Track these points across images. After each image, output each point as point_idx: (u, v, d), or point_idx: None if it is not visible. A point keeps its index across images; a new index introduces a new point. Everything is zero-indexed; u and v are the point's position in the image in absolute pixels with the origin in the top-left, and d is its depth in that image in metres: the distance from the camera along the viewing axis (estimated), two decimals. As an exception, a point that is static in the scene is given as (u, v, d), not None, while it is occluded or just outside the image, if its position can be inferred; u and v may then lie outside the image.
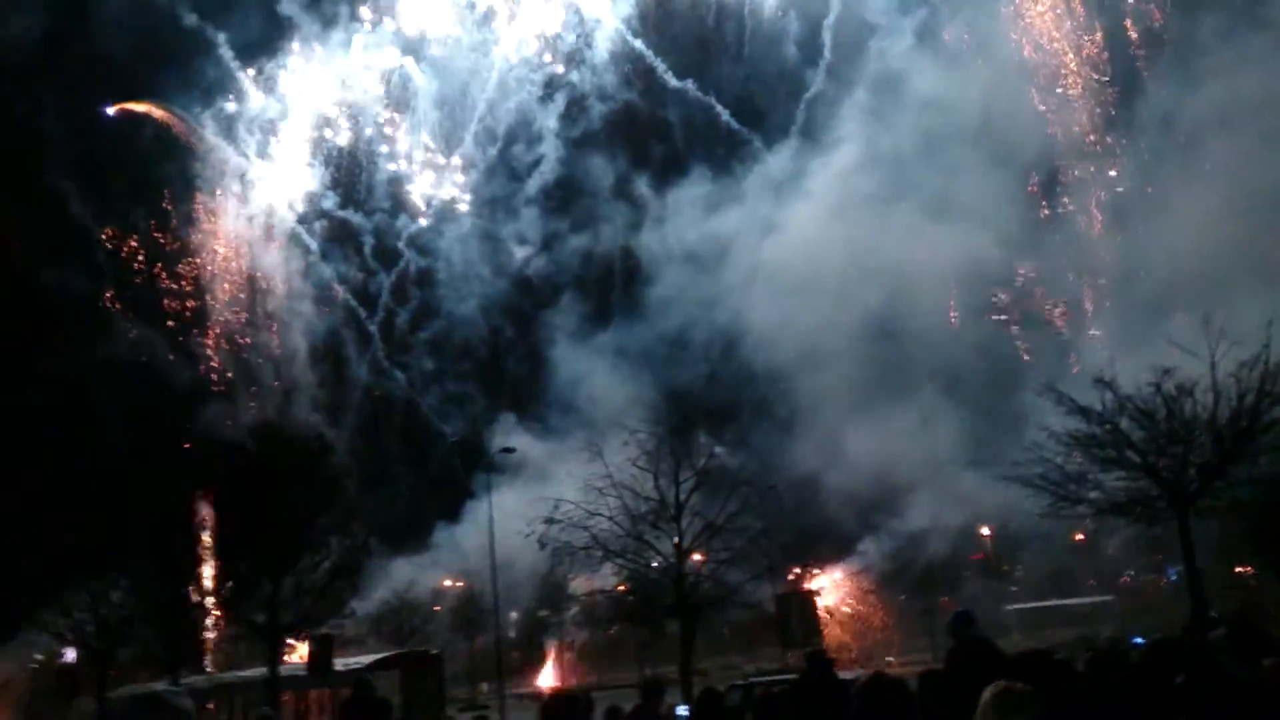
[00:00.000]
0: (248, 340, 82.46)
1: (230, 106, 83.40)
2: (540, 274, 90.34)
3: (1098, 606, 59.49)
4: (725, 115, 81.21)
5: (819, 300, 69.87)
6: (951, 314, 68.22)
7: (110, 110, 79.81)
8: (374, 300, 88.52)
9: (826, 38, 77.56)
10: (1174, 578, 59.28)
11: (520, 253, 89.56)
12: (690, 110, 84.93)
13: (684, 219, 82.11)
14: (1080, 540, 62.09)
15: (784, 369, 71.24)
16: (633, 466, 38.14)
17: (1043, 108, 67.18)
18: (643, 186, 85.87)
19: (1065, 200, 66.61)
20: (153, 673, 56.65)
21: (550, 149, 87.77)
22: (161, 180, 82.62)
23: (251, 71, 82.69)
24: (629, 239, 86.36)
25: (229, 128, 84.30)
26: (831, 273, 70.29)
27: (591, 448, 39.17)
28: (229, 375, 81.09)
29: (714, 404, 73.81)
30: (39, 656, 66.23)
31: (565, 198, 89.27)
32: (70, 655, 64.81)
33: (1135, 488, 33.93)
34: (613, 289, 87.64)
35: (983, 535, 66.15)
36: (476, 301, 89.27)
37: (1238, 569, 52.98)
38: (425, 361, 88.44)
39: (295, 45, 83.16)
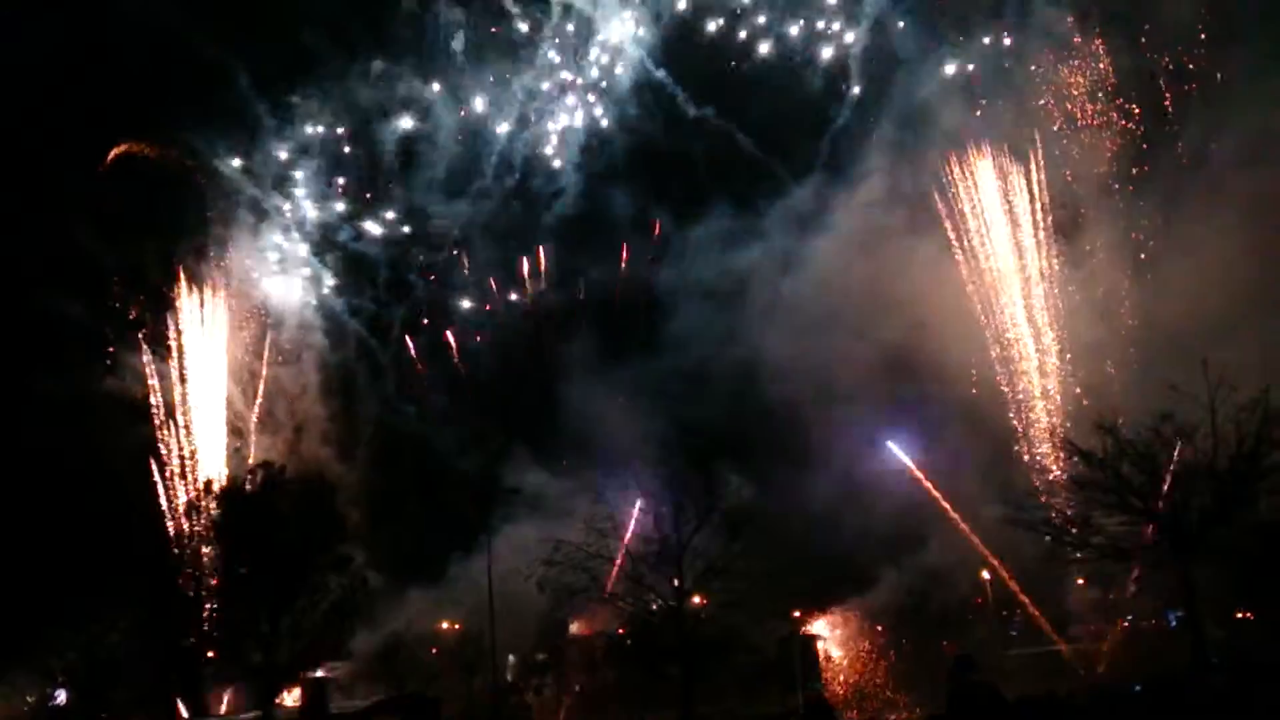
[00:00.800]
0: (261, 375, 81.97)
1: (245, 140, 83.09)
2: (556, 307, 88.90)
3: (1098, 651, 59.08)
4: (749, 145, 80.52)
5: (836, 336, 69.64)
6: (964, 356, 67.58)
7: (111, 154, 79.73)
8: (387, 333, 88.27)
9: (853, 69, 77.14)
10: (1174, 623, 58.98)
11: (536, 286, 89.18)
12: (713, 143, 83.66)
13: (704, 253, 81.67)
14: (1081, 584, 61.89)
15: (799, 405, 70.90)
16: (635, 509, 38.20)
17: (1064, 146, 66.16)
18: (662, 219, 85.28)
19: (1087, 243, 65.88)
20: (147, 716, 56.11)
21: (569, 181, 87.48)
22: (172, 213, 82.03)
23: (268, 104, 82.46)
24: (647, 273, 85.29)
25: (244, 159, 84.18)
26: (850, 308, 69.98)
27: (594, 490, 39.16)
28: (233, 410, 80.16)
29: (729, 441, 73.35)
30: (30, 699, 65.48)
31: (583, 231, 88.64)
32: (62, 697, 64.13)
33: (1136, 533, 34.00)
34: (629, 323, 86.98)
35: (984, 579, 65.93)
36: (491, 334, 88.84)
37: (1237, 614, 52.84)
38: (438, 396, 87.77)
39: (315, 77, 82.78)
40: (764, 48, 78.91)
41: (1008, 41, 70.28)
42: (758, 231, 78.88)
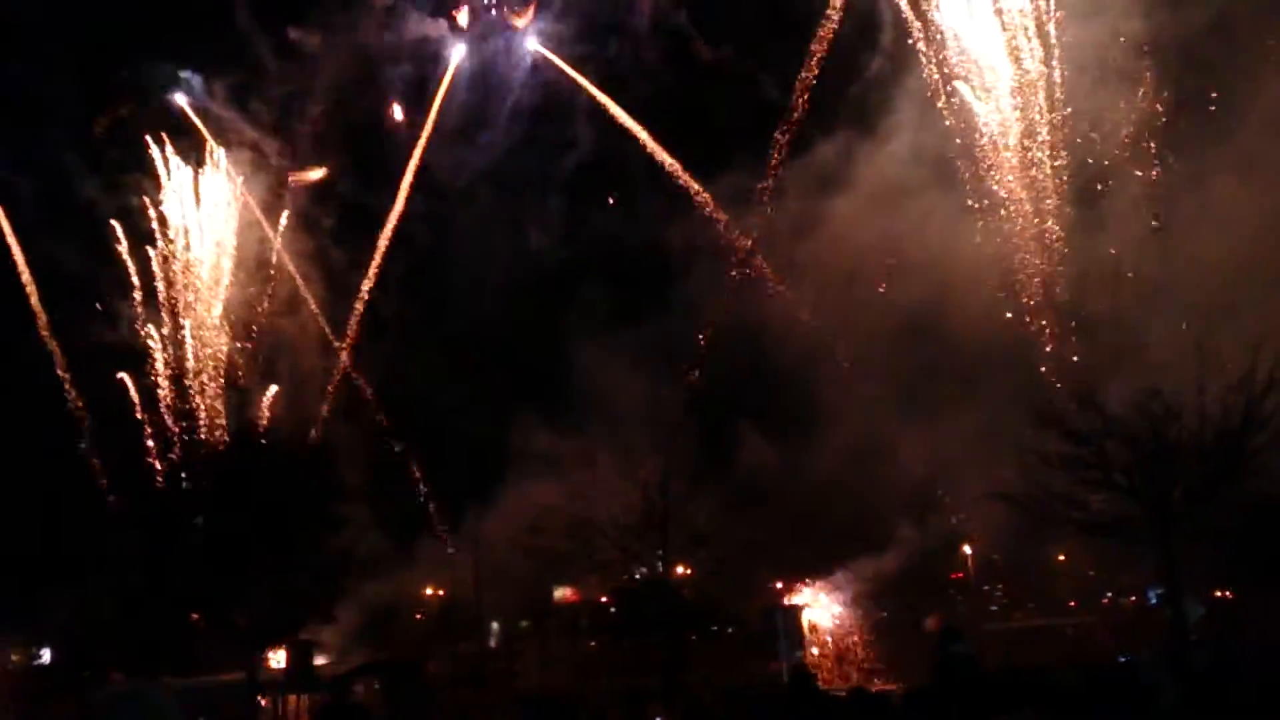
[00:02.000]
0: (256, 331, 79.78)
1: (244, 74, 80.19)
2: (566, 262, 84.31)
3: (1077, 628, 59.59)
4: (781, 97, 75.75)
5: (847, 299, 68.37)
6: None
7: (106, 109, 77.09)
8: (388, 286, 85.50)
9: (885, 19, 73.29)
10: (1155, 600, 59.48)
11: (545, 239, 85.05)
12: (736, 93, 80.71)
13: (722, 208, 79.10)
14: (1062, 560, 62.30)
15: (808, 370, 69.99)
16: (620, 477, 38.15)
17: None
18: (679, 172, 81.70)
19: (1104, 202, 63.87)
20: (130, 675, 56.18)
21: (583, 130, 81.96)
22: (163, 148, 79.37)
23: (271, 39, 79.28)
24: (662, 228, 78.99)
25: (243, 99, 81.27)
26: (866, 269, 68.64)
27: (581, 456, 39.13)
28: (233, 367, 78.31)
29: (731, 405, 72.18)
30: (14, 658, 65.60)
31: (596, 182, 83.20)
32: (46, 656, 64.24)
33: (1119, 509, 34.11)
34: (641, 281, 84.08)
35: (966, 553, 66.36)
36: (497, 289, 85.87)
37: (1218, 592, 53.30)
38: (438, 353, 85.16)
39: (320, 11, 79.64)
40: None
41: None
42: (777, 189, 74.77)
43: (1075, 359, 60.83)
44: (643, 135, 76.77)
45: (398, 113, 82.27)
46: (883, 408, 66.93)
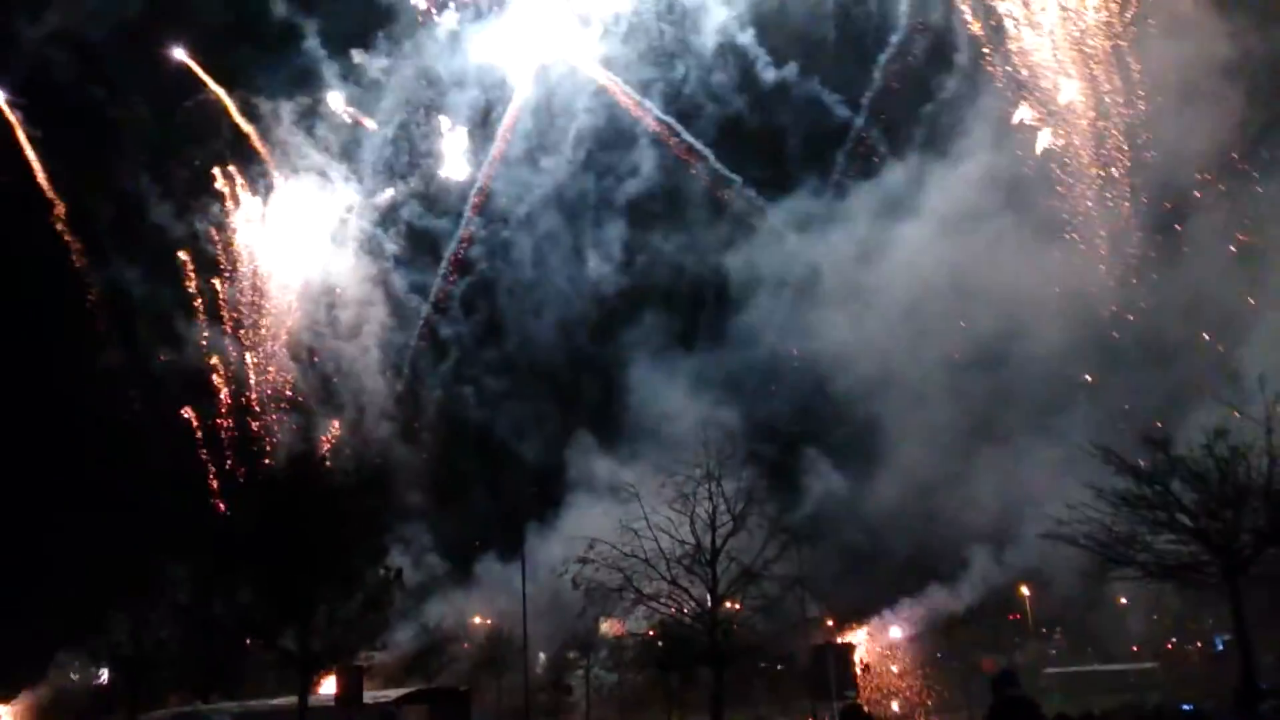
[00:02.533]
0: (318, 353, 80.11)
1: (312, 100, 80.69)
2: (624, 289, 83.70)
3: (1141, 673, 57.92)
4: (851, 118, 73.69)
5: (911, 330, 66.66)
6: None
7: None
8: (448, 312, 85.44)
9: (959, 40, 71.19)
10: (1221, 646, 57.62)
11: (603, 266, 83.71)
12: (802, 117, 77.66)
13: (786, 235, 77.40)
14: (1124, 604, 60.66)
15: (866, 402, 68.17)
16: (669, 509, 37.90)
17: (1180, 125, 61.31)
18: (745, 197, 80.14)
19: (1184, 230, 61.29)
20: (184, 697, 56.91)
21: (645, 155, 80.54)
22: (232, 175, 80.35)
23: (337, 66, 79.87)
24: (723, 255, 79.16)
25: (310, 123, 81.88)
26: (934, 299, 66.78)
27: (628, 489, 38.88)
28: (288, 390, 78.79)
29: (796, 435, 70.71)
30: (73, 677, 66.78)
31: (658, 209, 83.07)
32: (104, 677, 65.26)
33: (1185, 551, 33.12)
34: (701, 309, 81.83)
35: (1024, 595, 64.90)
36: (555, 315, 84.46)
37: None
38: (499, 378, 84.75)
39: (388, 38, 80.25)
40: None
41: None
42: (844, 214, 74.90)
43: (1137, 394, 59.26)
44: (708, 154, 76.29)
45: (463, 137, 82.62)
46: (943, 443, 65.60)
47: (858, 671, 55.98)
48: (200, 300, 77.04)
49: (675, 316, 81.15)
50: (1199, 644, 60.37)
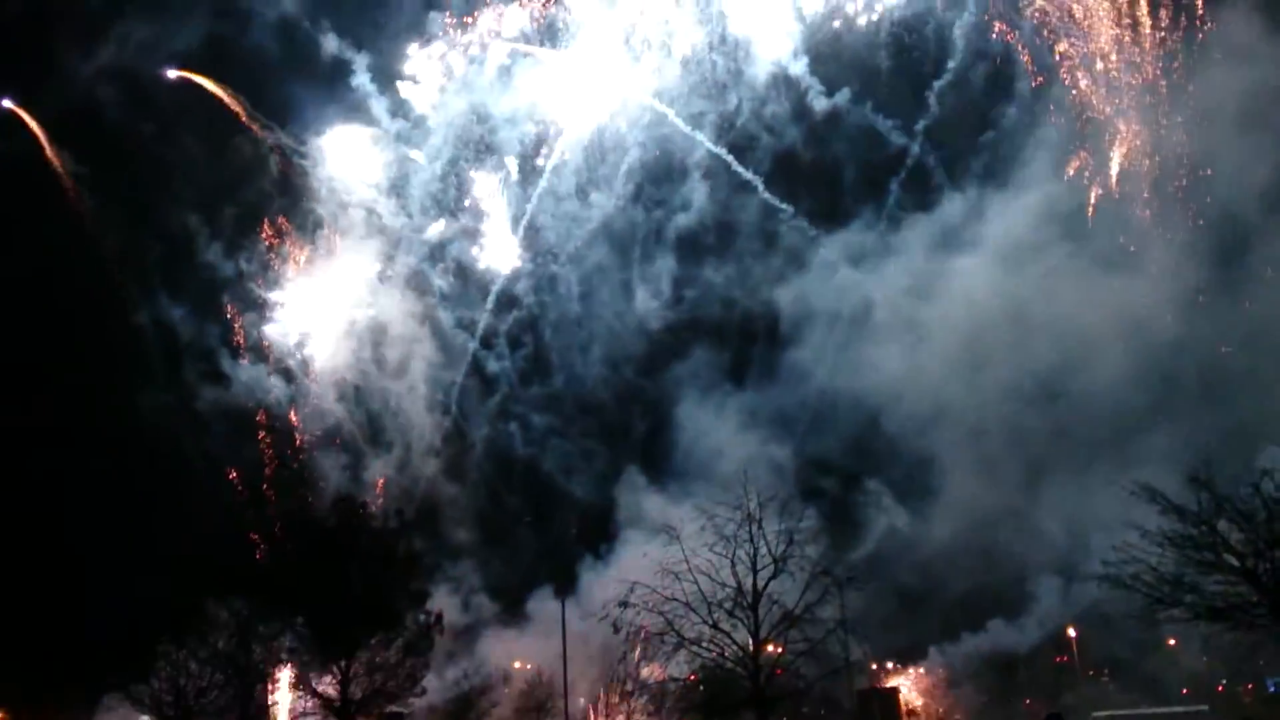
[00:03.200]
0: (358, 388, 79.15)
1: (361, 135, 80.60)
2: (673, 324, 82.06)
3: (1191, 715, 56.65)
4: (907, 145, 72.43)
5: (968, 363, 65.17)
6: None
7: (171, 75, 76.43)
8: (495, 349, 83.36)
9: (1018, 69, 69.96)
10: (1273, 689, 56.22)
11: (652, 301, 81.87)
12: (856, 146, 76.25)
13: (840, 268, 75.37)
14: (1173, 646, 59.45)
15: (920, 438, 66.74)
16: (709, 551, 37.76)
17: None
18: (797, 229, 77.49)
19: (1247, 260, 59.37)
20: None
21: (696, 189, 79.40)
22: (278, 210, 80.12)
23: (387, 101, 79.63)
24: (775, 288, 77.56)
25: (358, 159, 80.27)
26: (991, 331, 65.13)
27: (669, 530, 38.78)
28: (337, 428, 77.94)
29: (847, 474, 69.20)
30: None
31: (708, 242, 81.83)
32: (146, 721, 65.58)
33: (1234, 593, 32.59)
34: (752, 344, 79.48)
35: (1070, 637, 63.80)
36: (603, 351, 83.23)
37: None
38: (547, 415, 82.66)
39: (435, 71, 79.90)
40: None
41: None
42: (899, 247, 73.79)
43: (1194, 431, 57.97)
44: (758, 184, 75.64)
45: (513, 171, 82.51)
46: (1000, 478, 64.20)
47: (903, 715, 55.31)
48: (243, 339, 76.93)
49: (726, 351, 79.43)
50: (1250, 685, 58.93)
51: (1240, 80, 58.60)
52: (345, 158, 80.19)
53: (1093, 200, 65.79)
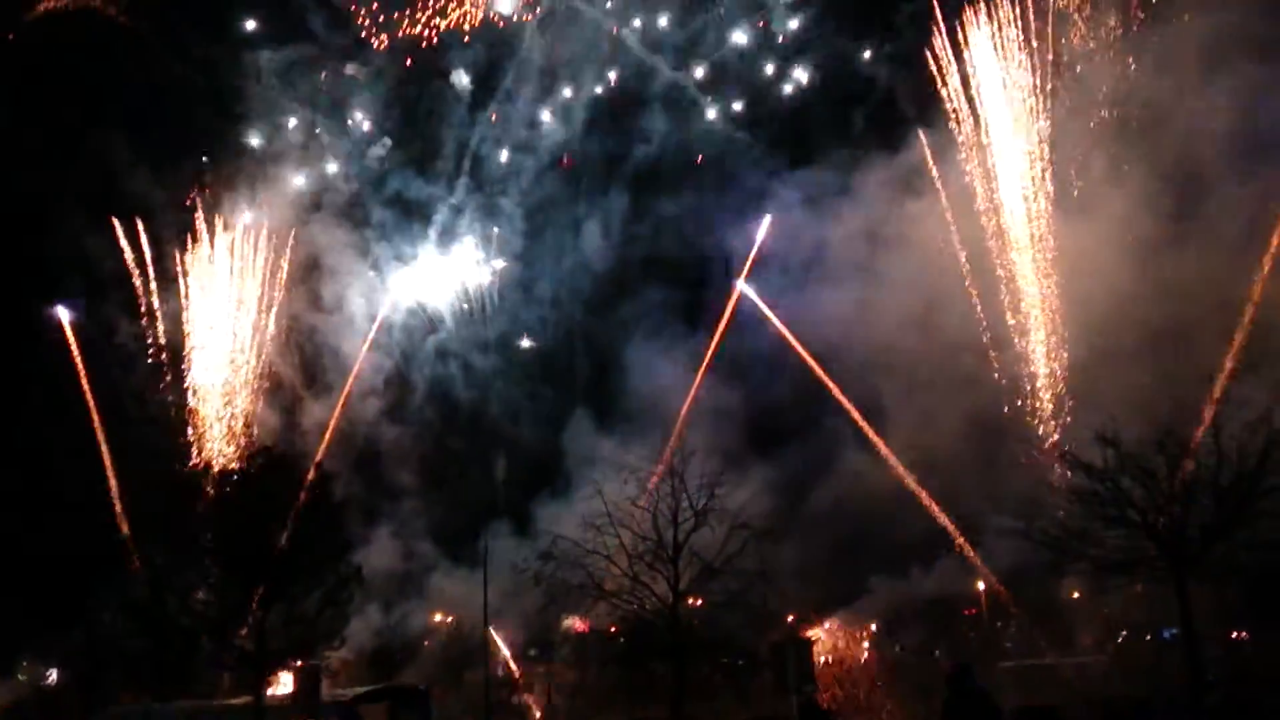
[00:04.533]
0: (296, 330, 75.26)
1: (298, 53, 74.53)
2: (624, 262, 78.54)
3: (1092, 665, 59.00)
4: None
5: (916, 311, 63.47)
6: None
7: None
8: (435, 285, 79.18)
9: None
10: (1168, 637, 58.71)
11: (603, 239, 78.74)
12: (825, 78, 73.20)
13: (798, 208, 71.91)
14: (1076, 598, 61.70)
15: (862, 387, 66.69)
16: (632, 505, 38.07)
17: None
18: (759, 164, 74.79)
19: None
20: (137, 697, 56.04)
21: (656, 119, 75.60)
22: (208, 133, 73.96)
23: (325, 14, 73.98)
24: (733, 228, 74.73)
25: (295, 77, 75.03)
26: (942, 279, 64.05)
27: (591, 484, 39.00)
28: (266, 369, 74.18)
29: (781, 425, 68.89)
30: (20, 678, 65.42)
31: (665, 176, 77.34)
32: (53, 676, 64.07)
33: (1135, 547, 33.90)
34: (707, 288, 76.65)
35: (979, 590, 65.82)
36: (550, 290, 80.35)
37: (1234, 633, 52.70)
38: (490, 356, 79.17)
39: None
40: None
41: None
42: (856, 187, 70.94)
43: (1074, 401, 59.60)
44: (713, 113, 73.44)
45: (460, 94, 78.20)
46: (938, 431, 65.05)
47: (818, 667, 56.51)
48: (171, 270, 72.07)
49: (678, 292, 76.46)
50: (1149, 637, 61.56)
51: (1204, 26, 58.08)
52: (282, 76, 75.83)
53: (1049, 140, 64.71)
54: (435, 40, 75.54)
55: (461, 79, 77.66)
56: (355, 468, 68.43)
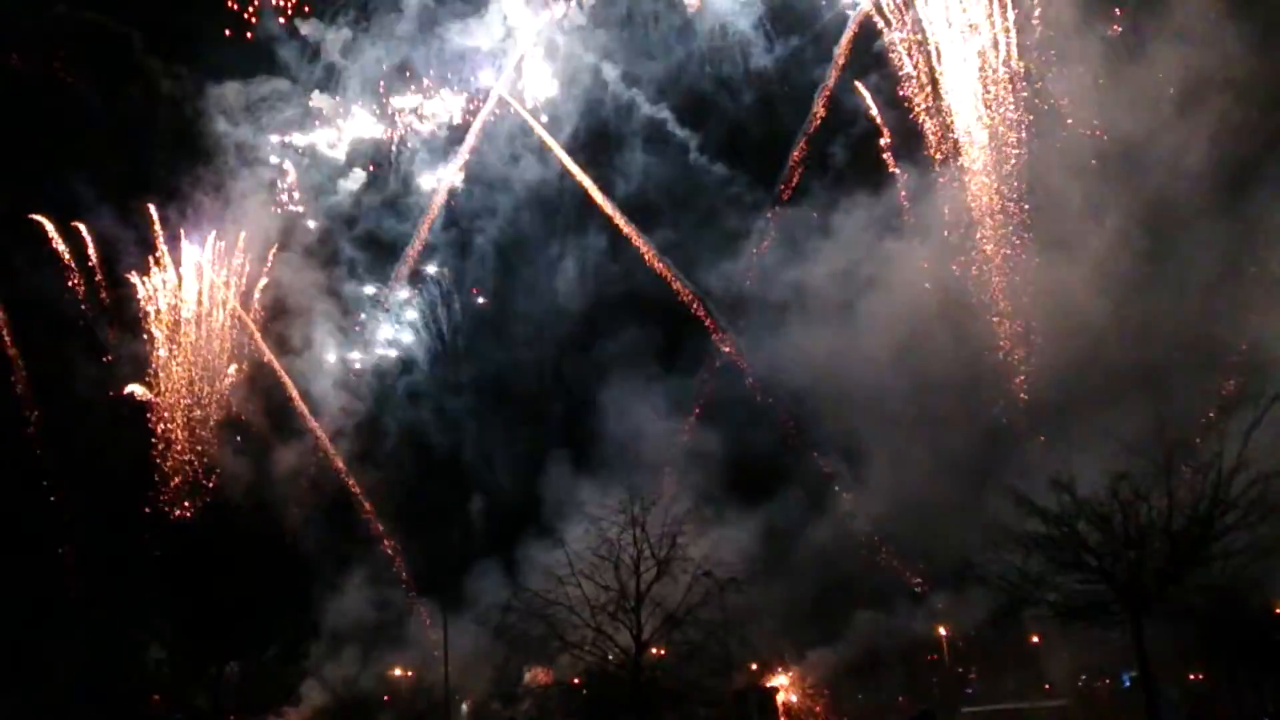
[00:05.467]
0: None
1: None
2: (601, 300, 76.58)
3: (1053, 710, 59.22)
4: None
5: (891, 354, 62.68)
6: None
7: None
8: (406, 324, 77.37)
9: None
10: (1127, 683, 59.06)
11: (579, 275, 76.92)
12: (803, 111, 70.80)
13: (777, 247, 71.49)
14: (1036, 643, 62.03)
15: (834, 432, 66.27)
16: (593, 555, 37.92)
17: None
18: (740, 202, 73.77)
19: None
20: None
21: (634, 156, 73.87)
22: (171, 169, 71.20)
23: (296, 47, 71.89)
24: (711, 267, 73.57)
25: (263, 111, 73.18)
26: (920, 319, 63.12)
27: (554, 535, 38.88)
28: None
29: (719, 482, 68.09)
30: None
31: (645, 213, 75.25)
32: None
33: (1092, 591, 34.26)
34: (685, 325, 74.23)
35: (941, 635, 65.94)
36: (525, 329, 78.14)
37: (1191, 675, 53.17)
38: (463, 397, 77.17)
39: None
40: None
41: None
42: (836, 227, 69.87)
43: (1043, 439, 60.11)
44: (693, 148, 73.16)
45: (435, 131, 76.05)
46: (864, 486, 65.19)
47: (780, 715, 56.29)
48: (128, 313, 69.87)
49: (655, 331, 73.98)
50: (1107, 680, 61.86)
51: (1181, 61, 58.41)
52: (249, 108, 73.05)
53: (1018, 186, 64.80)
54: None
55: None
56: (326, 514, 66.98)
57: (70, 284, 69.57)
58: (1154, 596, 33.28)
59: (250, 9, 70.06)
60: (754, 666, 59.00)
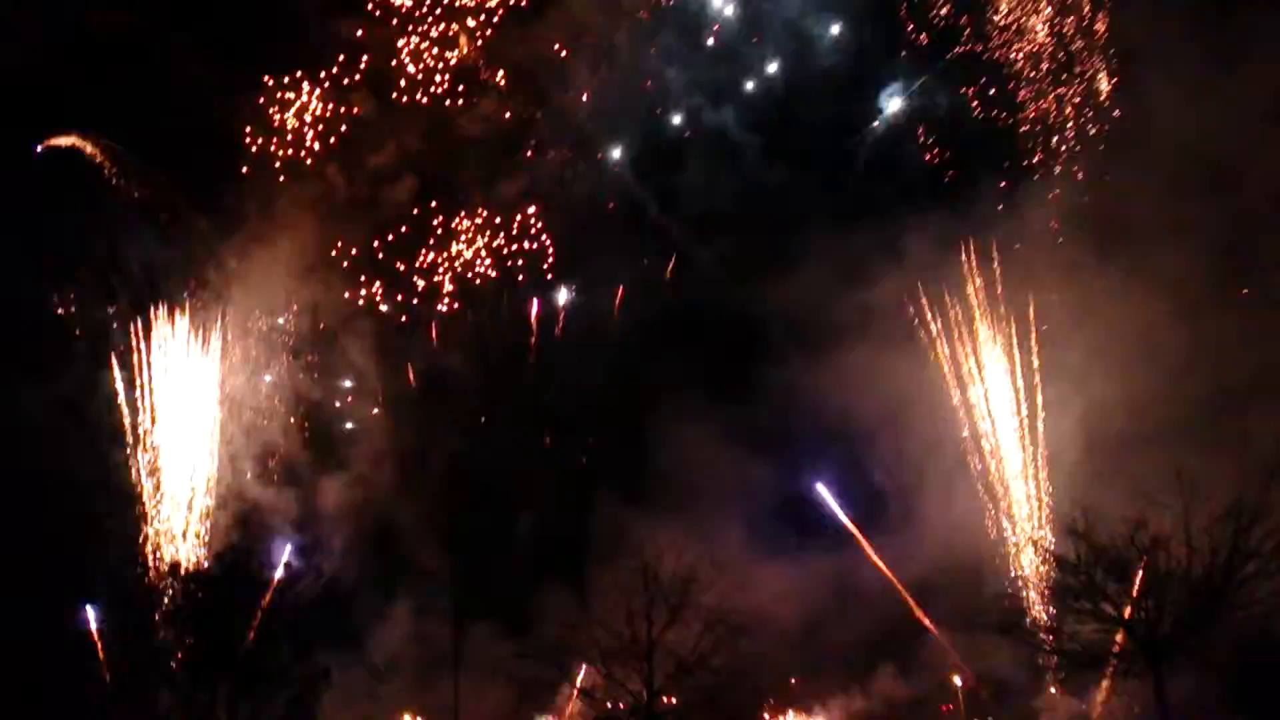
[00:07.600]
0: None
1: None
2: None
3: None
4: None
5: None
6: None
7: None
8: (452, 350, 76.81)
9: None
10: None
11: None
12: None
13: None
14: (1054, 694, 61.17)
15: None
16: (603, 599, 37.69)
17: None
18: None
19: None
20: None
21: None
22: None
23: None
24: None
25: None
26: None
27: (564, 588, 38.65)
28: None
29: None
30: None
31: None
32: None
33: (1110, 640, 33.83)
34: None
35: (955, 684, 65.01)
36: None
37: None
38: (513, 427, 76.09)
39: None
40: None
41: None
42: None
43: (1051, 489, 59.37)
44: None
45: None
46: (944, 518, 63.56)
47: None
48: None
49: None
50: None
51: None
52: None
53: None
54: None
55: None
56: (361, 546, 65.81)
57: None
58: (1173, 645, 32.80)
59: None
60: (766, 715, 58.36)
